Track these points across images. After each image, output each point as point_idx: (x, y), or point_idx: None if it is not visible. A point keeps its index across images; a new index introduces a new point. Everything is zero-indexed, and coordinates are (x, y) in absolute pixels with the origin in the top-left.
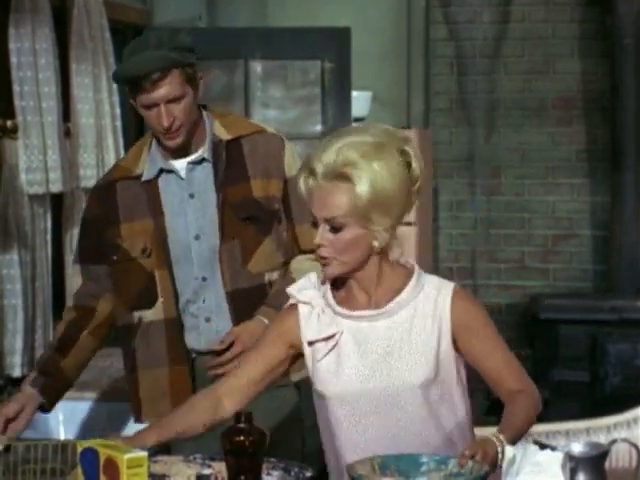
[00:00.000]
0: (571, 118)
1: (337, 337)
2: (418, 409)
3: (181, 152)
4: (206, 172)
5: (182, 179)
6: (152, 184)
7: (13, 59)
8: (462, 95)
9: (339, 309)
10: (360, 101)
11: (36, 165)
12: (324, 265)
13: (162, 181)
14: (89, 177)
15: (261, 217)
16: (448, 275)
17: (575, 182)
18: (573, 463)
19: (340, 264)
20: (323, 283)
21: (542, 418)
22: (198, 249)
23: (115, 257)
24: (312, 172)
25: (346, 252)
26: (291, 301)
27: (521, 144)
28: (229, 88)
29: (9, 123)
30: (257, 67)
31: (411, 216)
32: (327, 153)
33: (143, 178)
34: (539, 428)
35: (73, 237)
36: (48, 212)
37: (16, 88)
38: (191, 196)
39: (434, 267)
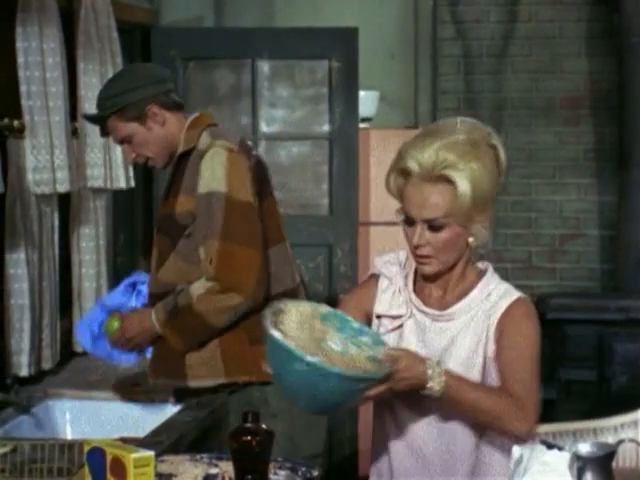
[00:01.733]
0: (578, 117)
1: (404, 319)
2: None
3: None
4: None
5: None
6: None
7: (20, 58)
8: (469, 94)
9: (413, 297)
10: (367, 101)
11: (43, 165)
12: (423, 264)
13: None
14: (96, 177)
15: (170, 232)
16: None
17: (582, 182)
18: (580, 463)
19: (439, 263)
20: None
21: (549, 418)
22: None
23: None
24: (406, 172)
25: (445, 251)
26: (374, 271)
27: (528, 143)
28: (236, 88)
29: (16, 123)
30: (264, 67)
31: None
32: (425, 153)
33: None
34: (546, 428)
35: (80, 236)
36: (55, 212)
37: (23, 88)
38: None
39: None
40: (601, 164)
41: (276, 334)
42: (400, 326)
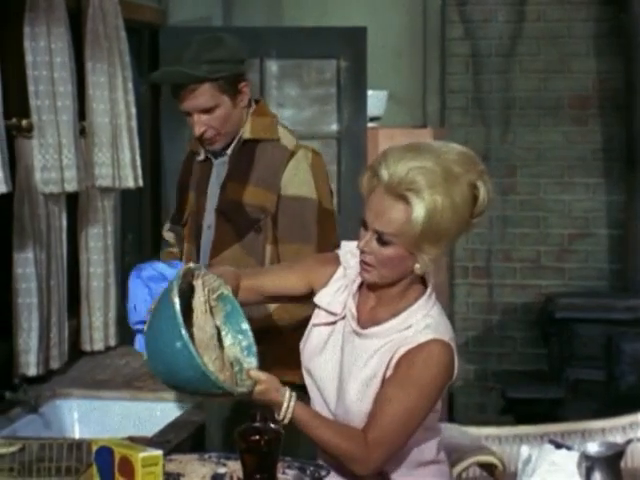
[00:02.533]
0: (586, 117)
1: (337, 318)
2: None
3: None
4: (226, 167)
5: (218, 170)
6: (206, 164)
7: (28, 58)
8: (478, 94)
9: (350, 301)
10: (376, 100)
11: (51, 164)
12: (363, 270)
13: (213, 165)
14: (104, 176)
15: (237, 221)
16: (464, 274)
17: (590, 181)
18: (589, 463)
19: (378, 275)
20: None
21: (558, 417)
22: (204, 239)
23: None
24: (377, 176)
25: (386, 267)
26: (339, 252)
27: (536, 143)
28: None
29: (24, 122)
30: (272, 66)
31: None
32: (398, 167)
33: (198, 158)
34: (555, 427)
35: (88, 236)
36: (63, 211)
37: (31, 87)
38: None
39: (450, 266)
40: (609, 163)
41: (177, 303)
42: (333, 323)
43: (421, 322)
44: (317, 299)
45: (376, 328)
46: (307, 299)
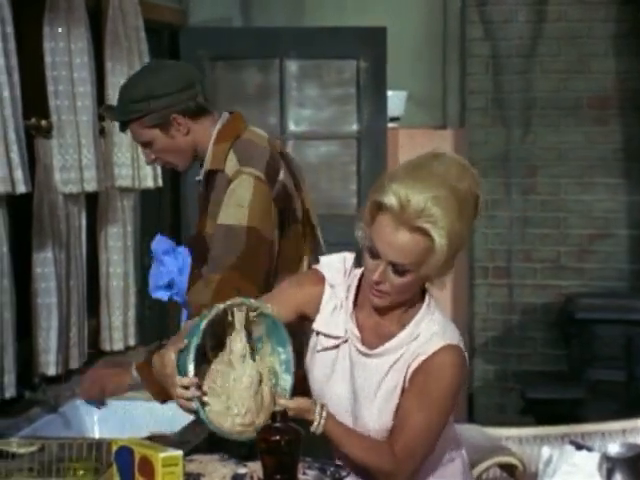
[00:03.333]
0: (607, 117)
1: (340, 341)
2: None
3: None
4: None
5: None
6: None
7: (48, 58)
8: (498, 94)
9: (351, 322)
10: (395, 100)
11: (70, 164)
12: (377, 297)
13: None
14: (124, 176)
15: (199, 252)
16: (483, 274)
17: (611, 181)
18: (610, 464)
19: (391, 301)
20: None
21: (578, 418)
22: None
23: None
24: (385, 206)
25: (403, 293)
26: (320, 269)
27: (557, 143)
28: (264, 88)
29: (43, 122)
30: (292, 66)
31: None
32: (413, 199)
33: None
34: (575, 429)
35: (107, 235)
36: (83, 211)
37: (50, 87)
38: None
39: (469, 267)
40: (630, 164)
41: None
42: (336, 346)
43: (428, 330)
44: (316, 326)
45: (385, 346)
46: (297, 325)
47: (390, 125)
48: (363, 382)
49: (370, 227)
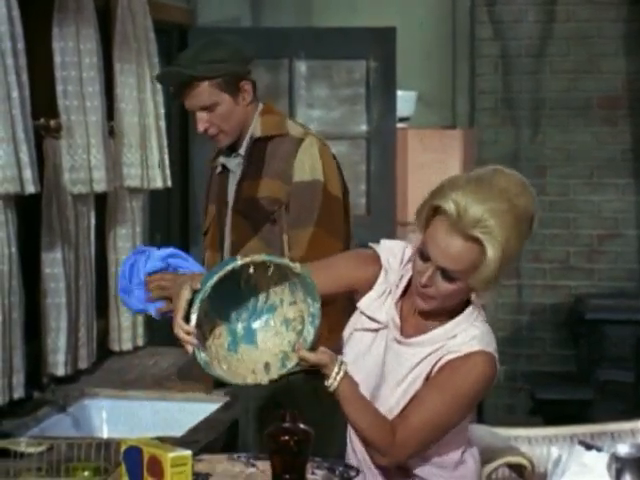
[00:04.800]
0: (616, 117)
1: (380, 326)
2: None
3: (231, 149)
4: (241, 168)
5: (234, 174)
6: (224, 175)
7: (57, 59)
8: (507, 94)
9: (394, 311)
10: (405, 101)
11: (79, 164)
12: (423, 300)
13: (230, 174)
14: (133, 176)
15: (253, 216)
16: None
17: (620, 182)
18: (619, 464)
19: (437, 306)
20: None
21: (587, 418)
22: (226, 247)
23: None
24: (444, 211)
25: (449, 299)
26: (378, 250)
27: (566, 144)
28: (273, 88)
29: (52, 122)
30: (302, 67)
31: None
32: (471, 208)
33: (216, 171)
34: (584, 429)
35: (116, 236)
36: (92, 211)
37: (59, 88)
38: None
39: None
40: (639, 164)
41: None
42: (376, 330)
43: (467, 332)
44: (361, 305)
45: (421, 337)
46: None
47: (399, 125)
48: (393, 368)
49: (424, 230)
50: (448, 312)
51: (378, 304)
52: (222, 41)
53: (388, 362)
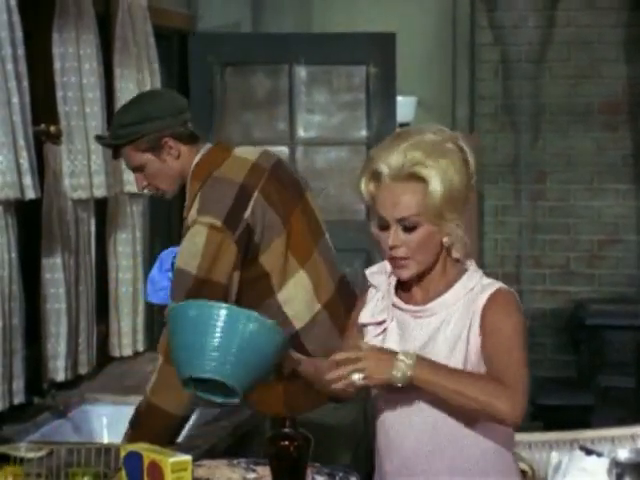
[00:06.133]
0: (617, 123)
1: (386, 324)
2: (438, 405)
3: None
4: None
5: None
6: None
7: (57, 64)
8: (507, 100)
9: (395, 299)
10: (405, 106)
11: (80, 170)
12: (399, 267)
13: None
14: (133, 182)
15: None
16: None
17: (621, 187)
18: (619, 469)
19: (415, 264)
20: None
21: (588, 424)
22: None
23: None
24: (376, 175)
25: (420, 251)
26: (368, 283)
27: (566, 149)
28: (273, 93)
29: (52, 128)
30: (302, 72)
31: None
32: (393, 155)
33: None
34: (585, 434)
35: (117, 241)
36: (92, 216)
37: (59, 93)
38: None
39: None
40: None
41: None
42: (384, 331)
43: (482, 282)
44: (361, 319)
45: (437, 300)
46: None
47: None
48: (417, 341)
49: (374, 203)
50: (440, 272)
51: (376, 308)
52: (139, 100)
53: (413, 339)
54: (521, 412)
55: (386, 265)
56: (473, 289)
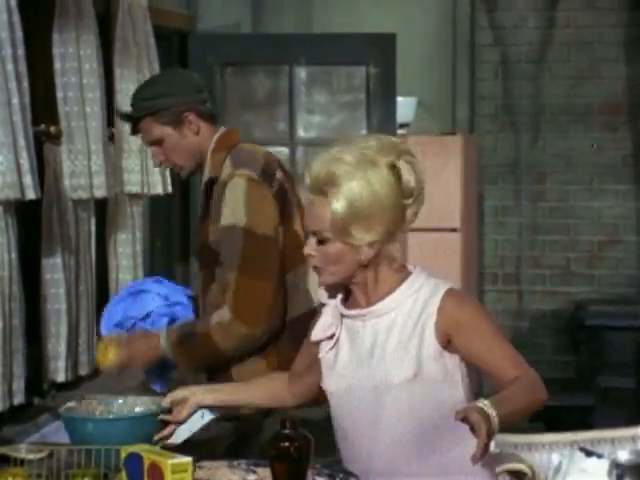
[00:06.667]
0: (617, 123)
1: (337, 335)
2: (399, 406)
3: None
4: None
5: None
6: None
7: (57, 64)
8: (507, 100)
9: (341, 308)
10: (405, 107)
11: (80, 170)
12: (317, 272)
13: None
14: (133, 182)
15: (207, 260)
16: (493, 281)
17: (620, 188)
18: (619, 470)
19: (329, 274)
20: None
21: (588, 425)
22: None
23: None
24: (304, 182)
25: (332, 264)
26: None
27: (566, 149)
28: (273, 94)
29: (53, 128)
30: (302, 73)
31: (456, 222)
32: (315, 166)
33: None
34: (585, 435)
35: (117, 242)
36: (92, 217)
37: (60, 94)
38: None
39: (479, 273)
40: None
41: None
42: (336, 342)
43: (428, 283)
44: (314, 337)
45: (383, 302)
46: None
47: (399, 131)
48: (372, 341)
49: None
50: (385, 286)
51: (325, 322)
52: (161, 76)
53: (362, 343)
54: (544, 386)
55: None
56: (419, 291)
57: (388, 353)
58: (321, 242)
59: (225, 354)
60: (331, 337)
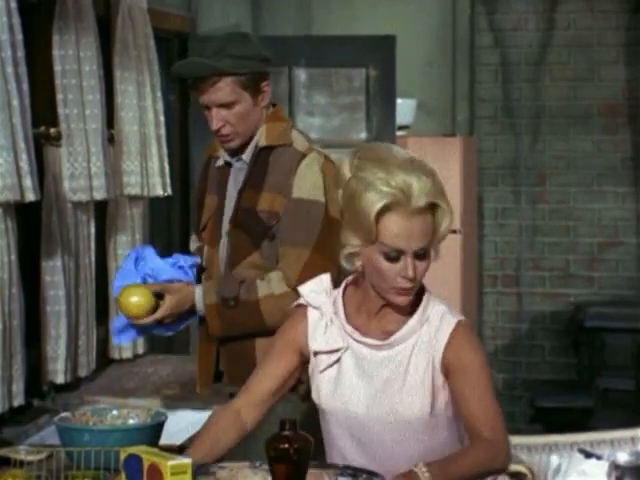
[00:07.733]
0: (616, 125)
1: (341, 352)
2: (408, 440)
3: (233, 152)
4: (243, 173)
5: (234, 176)
6: (225, 169)
7: (57, 67)
8: (507, 102)
9: (348, 328)
10: (405, 108)
11: (80, 172)
12: (401, 295)
13: (231, 170)
14: (133, 184)
15: (252, 230)
16: (493, 282)
17: (620, 190)
18: (619, 472)
19: (415, 291)
20: (336, 286)
21: (587, 427)
22: (222, 245)
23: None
24: (389, 206)
25: (422, 278)
26: (300, 301)
27: (566, 151)
28: (273, 95)
29: (52, 130)
30: (301, 75)
31: (456, 224)
32: (413, 184)
33: (217, 164)
34: (584, 437)
35: (117, 244)
36: (91, 219)
37: (60, 96)
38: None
39: (479, 275)
40: (639, 172)
41: None
42: (338, 360)
43: (436, 312)
44: (314, 348)
45: (397, 335)
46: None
47: (399, 133)
48: (389, 374)
49: (375, 239)
50: (400, 308)
51: (328, 336)
52: (248, 37)
53: (376, 375)
54: (510, 455)
55: (323, 282)
56: (430, 319)
57: (405, 388)
58: (421, 258)
59: (266, 326)
60: (334, 351)
